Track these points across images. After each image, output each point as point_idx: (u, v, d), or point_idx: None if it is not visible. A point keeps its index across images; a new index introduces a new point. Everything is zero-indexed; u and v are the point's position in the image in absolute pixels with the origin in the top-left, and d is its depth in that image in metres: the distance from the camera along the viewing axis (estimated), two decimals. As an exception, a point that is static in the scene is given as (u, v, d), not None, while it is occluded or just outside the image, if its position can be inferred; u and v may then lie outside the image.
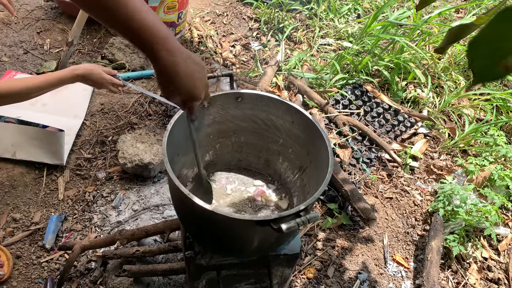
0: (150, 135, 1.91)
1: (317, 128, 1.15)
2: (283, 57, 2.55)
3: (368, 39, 2.58)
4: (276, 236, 1.07)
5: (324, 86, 2.40)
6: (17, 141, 1.80)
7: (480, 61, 0.42)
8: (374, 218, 1.71)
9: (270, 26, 2.93)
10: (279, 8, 2.99)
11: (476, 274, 1.76)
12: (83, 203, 1.75)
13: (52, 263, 1.56)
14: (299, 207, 0.95)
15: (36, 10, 2.66)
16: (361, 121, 2.27)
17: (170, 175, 0.95)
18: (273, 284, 1.27)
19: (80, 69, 1.46)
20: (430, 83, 2.42)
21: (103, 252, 1.48)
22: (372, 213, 1.72)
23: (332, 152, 1.08)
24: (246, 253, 1.18)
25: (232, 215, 0.94)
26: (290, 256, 1.24)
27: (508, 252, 1.86)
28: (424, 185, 2.07)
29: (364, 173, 2.02)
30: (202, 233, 1.13)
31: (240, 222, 0.95)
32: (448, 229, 1.80)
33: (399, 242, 1.83)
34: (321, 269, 1.67)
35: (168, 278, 1.52)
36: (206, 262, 1.16)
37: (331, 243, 1.76)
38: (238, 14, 3.03)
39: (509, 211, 2.01)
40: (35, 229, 1.64)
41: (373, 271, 1.70)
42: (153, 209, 1.75)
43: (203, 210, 0.92)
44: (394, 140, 2.24)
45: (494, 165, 2.03)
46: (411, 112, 2.35)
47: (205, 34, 2.73)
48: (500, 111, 2.44)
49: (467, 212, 1.79)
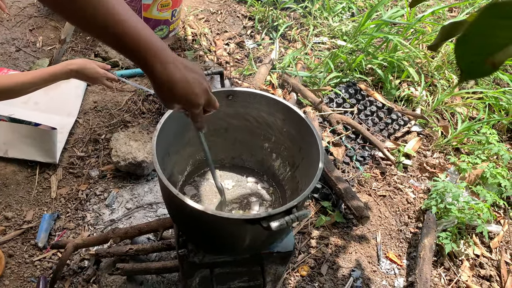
0: (144, 133, 1.90)
1: (308, 125, 1.15)
2: (277, 55, 2.55)
3: (362, 37, 2.58)
4: (267, 234, 1.07)
5: (318, 85, 2.41)
6: (9, 139, 1.79)
7: (467, 58, 0.42)
8: (367, 216, 1.72)
9: (264, 24, 2.93)
10: (273, 6, 2.99)
11: (468, 271, 1.78)
12: (76, 201, 1.75)
13: (45, 261, 1.55)
14: (289, 205, 0.95)
15: (28, 7, 2.64)
16: (355, 120, 2.28)
17: (160, 175, 0.95)
18: (266, 282, 1.27)
19: (74, 63, 1.45)
20: (424, 81, 2.43)
21: (96, 251, 1.47)
22: (365, 211, 1.73)
23: (323, 149, 1.09)
24: (238, 251, 1.18)
25: (222, 214, 0.94)
26: (283, 253, 1.24)
27: (500, 249, 1.87)
28: (417, 183, 2.08)
29: (358, 171, 2.02)
30: (194, 232, 1.13)
31: (229, 221, 0.95)
32: (441, 227, 1.81)
33: (392, 240, 1.84)
34: (315, 266, 1.68)
35: (161, 276, 1.52)
36: (199, 260, 1.16)
37: (325, 240, 1.77)
38: (232, 12, 3.03)
39: (501, 209, 2.02)
40: (27, 228, 1.63)
41: (366, 269, 1.71)
42: (147, 207, 1.75)
43: (193, 210, 0.92)
44: (388, 138, 2.24)
45: (486, 163, 2.05)
46: (405, 110, 2.36)
47: (199, 32, 2.72)
48: (493, 109, 2.46)
49: (460, 209, 1.81)
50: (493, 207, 2.01)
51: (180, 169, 1.30)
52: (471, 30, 0.41)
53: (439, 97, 2.38)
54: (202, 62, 2.50)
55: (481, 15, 0.39)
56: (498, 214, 2.00)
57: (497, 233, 1.91)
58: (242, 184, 1.36)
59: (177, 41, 2.60)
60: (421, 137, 2.29)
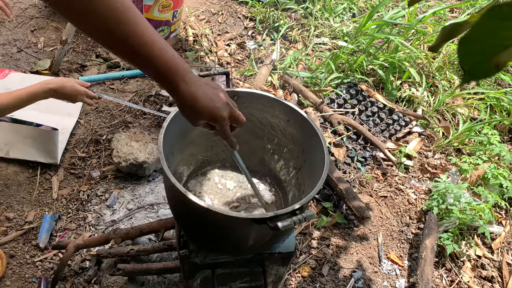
0: (145, 133, 1.90)
1: (313, 126, 1.15)
2: (278, 56, 2.55)
3: (363, 38, 2.58)
4: (271, 234, 1.07)
5: (319, 85, 2.41)
6: (11, 139, 1.79)
7: (471, 59, 0.42)
8: (368, 216, 1.71)
9: (265, 25, 2.93)
10: (274, 7, 2.99)
11: (470, 272, 1.78)
12: (77, 202, 1.75)
13: (46, 262, 1.55)
14: (294, 206, 0.95)
15: (30, 8, 2.65)
16: (356, 120, 2.28)
17: (166, 172, 0.95)
18: (267, 283, 1.27)
19: (52, 83, 1.43)
20: (425, 82, 2.43)
21: (97, 251, 1.47)
22: (367, 211, 1.72)
23: (327, 151, 1.09)
24: (241, 251, 1.18)
25: (229, 212, 0.94)
26: (285, 254, 1.24)
27: (502, 250, 1.87)
28: (419, 184, 2.08)
29: (359, 172, 2.02)
30: (197, 231, 1.13)
31: (236, 220, 0.95)
32: (442, 228, 1.81)
33: (394, 241, 1.84)
34: (316, 267, 1.68)
35: (162, 277, 1.52)
36: (201, 260, 1.16)
37: (326, 241, 1.77)
38: (233, 13, 3.03)
39: (503, 210, 2.02)
40: (29, 228, 1.63)
41: (368, 270, 1.71)
42: (148, 208, 1.75)
43: (198, 208, 0.92)
44: (389, 139, 2.24)
45: (488, 164, 2.04)
46: (406, 111, 2.36)
47: (200, 33, 2.73)
48: (494, 110, 2.46)
49: (461, 210, 1.81)
50: (495, 208, 2.00)
51: (184, 168, 1.31)
52: (474, 31, 0.41)
53: (440, 98, 2.38)
54: (203, 63, 2.50)
55: (484, 16, 0.39)
56: (499, 215, 1.99)
57: (498, 234, 1.91)
58: (243, 185, 1.36)
59: (178, 42, 2.61)
60: (422, 137, 2.29)
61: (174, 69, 0.79)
